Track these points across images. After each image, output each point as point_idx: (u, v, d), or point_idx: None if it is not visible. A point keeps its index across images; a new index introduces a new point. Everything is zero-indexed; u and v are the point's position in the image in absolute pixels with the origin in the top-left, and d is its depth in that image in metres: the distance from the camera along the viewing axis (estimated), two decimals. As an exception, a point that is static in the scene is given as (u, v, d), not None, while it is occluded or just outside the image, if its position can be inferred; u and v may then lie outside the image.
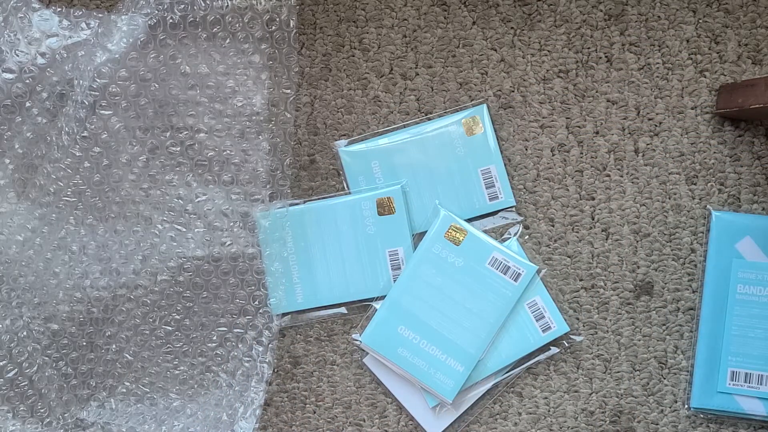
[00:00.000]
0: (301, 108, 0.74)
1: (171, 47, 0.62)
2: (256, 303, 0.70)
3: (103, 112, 0.62)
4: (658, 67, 0.72)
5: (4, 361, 0.66)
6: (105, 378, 0.70)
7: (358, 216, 0.70)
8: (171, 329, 0.69)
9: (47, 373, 0.68)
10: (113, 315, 0.68)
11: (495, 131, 0.72)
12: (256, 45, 0.63)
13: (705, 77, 0.71)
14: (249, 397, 0.69)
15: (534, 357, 0.71)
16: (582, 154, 0.72)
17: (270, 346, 0.70)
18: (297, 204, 0.71)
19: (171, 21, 0.61)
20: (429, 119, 0.73)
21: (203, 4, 0.61)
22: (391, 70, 0.73)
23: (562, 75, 0.72)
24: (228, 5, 0.61)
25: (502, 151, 0.72)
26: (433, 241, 0.70)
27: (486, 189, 0.71)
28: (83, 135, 0.62)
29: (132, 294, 0.68)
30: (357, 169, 0.72)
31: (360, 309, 0.72)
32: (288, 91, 0.65)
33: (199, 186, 0.66)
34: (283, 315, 0.72)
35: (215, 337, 0.69)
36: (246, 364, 0.70)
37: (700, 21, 0.72)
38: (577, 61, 0.72)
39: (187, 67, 0.63)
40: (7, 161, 0.64)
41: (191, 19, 0.61)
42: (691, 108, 0.72)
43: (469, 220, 0.71)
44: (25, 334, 0.67)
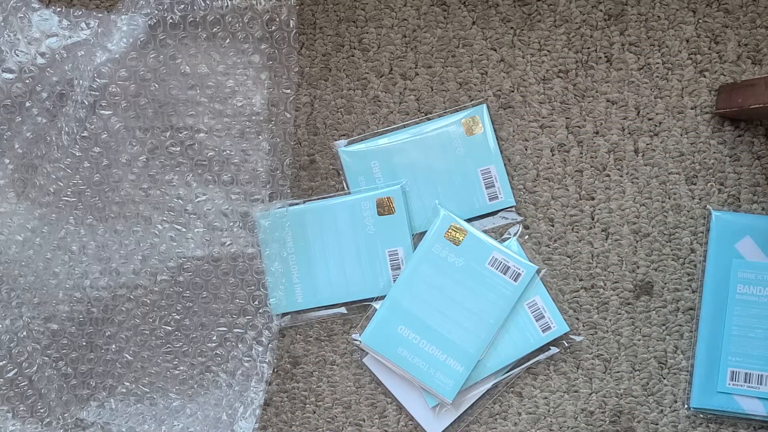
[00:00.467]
0: (301, 108, 0.74)
1: (171, 47, 0.62)
2: (255, 303, 0.70)
3: (103, 112, 0.62)
4: (657, 67, 0.72)
5: (3, 361, 0.66)
6: (105, 378, 0.70)
7: (357, 216, 0.70)
8: (171, 329, 0.69)
9: (47, 373, 0.68)
10: (113, 315, 0.68)
11: (495, 131, 0.72)
12: (256, 45, 0.63)
13: (705, 77, 0.71)
14: (249, 397, 0.69)
15: (534, 357, 0.71)
16: (582, 154, 0.72)
17: (270, 346, 0.70)
18: (297, 204, 0.71)
19: (171, 21, 0.61)
20: (429, 119, 0.73)
21: (203, 4, 0.61)
22: (391, 70, 0.73)
23: (561, 75, 0.72)
24: (228, 5, 0.61)
25: (501, 151, 0.72)
26: (433, 241, 0.70)
27: (486, 189, 0.71)
28: (83, 135, 0.62)
29: (132, 294, 0.68)
30: (357, 169, 0.72)
31: (360, 309, 0.72)
32: (288, 91, 0.65)
33: (199, 186, 0.66)
34: (283, 315, 0.72)
35: (215, 337, 0.69)
36: (246, 364, 0.70)
37: (700, 21, 0.72)
38: (577, 61, 0.72)
39: (187, 67, 0.63)
40: (7, 161, 0.64)
41: (191, 19, 0.61)
42: (691, 108, 0.72)
43: (469, 220, 0.71)
44: (25, 334, 0.67)
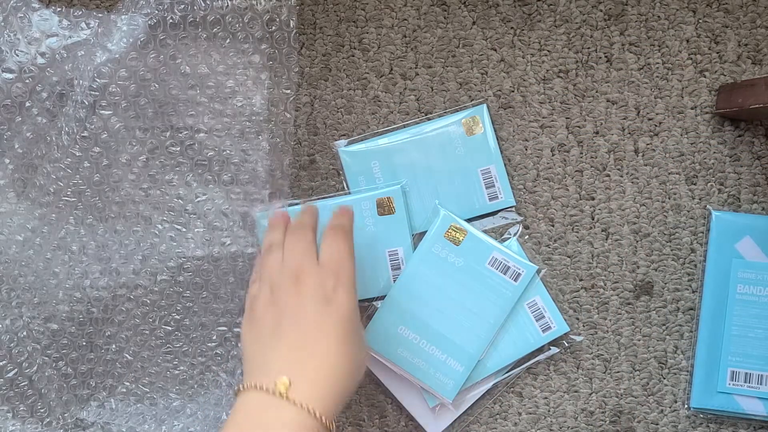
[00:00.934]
0: (301, 108, 0.74)
1: (171, 47, 0.62)
2: None
3: (103, 112, 0.62)
4: (657, 67, 0.72)
5: (4, 361, 0.66)
6: (105, 378, 0.70)
7: (357, 216, 0.70)
8: (171, 329, 0.69)
9: (47, 373, 0.68)
10: (113, 315, 0.68)
11: (495, 131, 0.72)
12: (256, 45, 0.63)
13: (705, 77, 0.72)
14: None
15: (534, 357, 0.71)
16: (582, 154, 0.72)
17: None
18: (296, 204, 0.71)
19: (171, 21, 0.61)
20: (429, 119, 0.73)
21: (203, 4, 0.61)
22: (391, 70, 0.73)
23: (562, 75, 0.72)
24: (228, 5, 0.61)
25: (502, 151, 0.72)
26: (433, 241, 0.70)
27: (486, 189, 0.71)
28: (83, 135, 0.62)
29: (132, 294, 0.68)
30: (357, 169, 0.72)
31: (360, 309, 0.72)
32: (288, 92, 0.65)
33: (199, 186, 0.66)
34: None
35: (215, 337, 0.69)
36: None
37: (700, 21, 0.72)
38: (577, 61, 0.72)
39: (187, 67, 0.63)
40: (7, 161, 0.64)
41: (191, 19, 0.61)
42: (691, 108, 0.72)
43: (469, 220, 0.71)
44: (25, 334, 0.67)
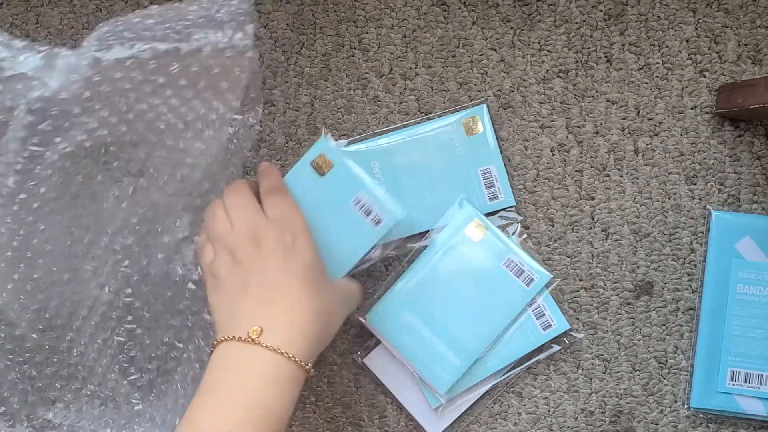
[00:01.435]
0: (301, 108, 0.74)
1: (129, 89, 0.58)
2: (207, 313, 0.69)
3: (35, 148, 0.59)
4: (657, 67, 0.72)
5: None
6: (70, 381, 0.69)
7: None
8: (123, 340, 0.68)
9: (10, 377, 0.67)
10: (72, 321, 0.68)
11: (495, 131, 0.72)
12: (221, 93, 0.60)
13: (705, 77, 0.72)
14: None
15: (534, 356, 0.71)
16: (582, 154, 0.72)
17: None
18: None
19: (130, 62, 0.56)
20: (429, 119, 0.73)
21: (177, 55, 0.56)
22: (391, 70, 0.73)
23: (562, 75, 0.72)
24: (195, 64, 0.57)
25: (502, 151, 0.72)
26: (453, 235, 0.70)
27: (486, 189, 0.71)
28: (16, 168, 0.60)
29: (91, 303, 0.67)
30: (357, 169, 0.72)
31: (367, 295, 0.71)
32: (251, 129, 0.65)
33: (171, 209, 0.65)
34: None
35: (167, 339, 0.69)
36: (197, 366, 0.69)
37: (699, 21, 0.72)
38: (577, 61, 0.72)
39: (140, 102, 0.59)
40: None
41: (153, 65, 0.57)
42: (691, 108, 0.72)
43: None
44: None
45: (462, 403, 0.71)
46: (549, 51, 0.72)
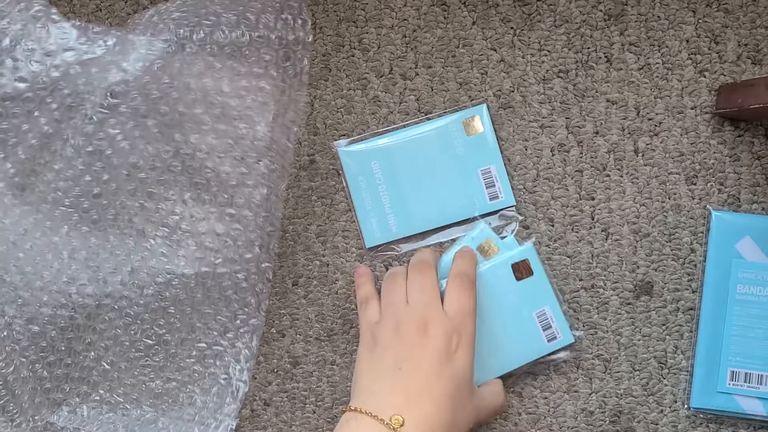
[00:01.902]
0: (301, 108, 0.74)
1: (186, 74, 0.61)
2: (237, 322, 0.69)
3: (111, 130, 0.62)
4: (657, 67, 0.72)
5: None
6: (80, 384, 0.69)
7: (494, 284, 0.70)
8: (151, 343, 0.68)
9: (23, 375, 0.67)
10: (95, 323, 0.68)
11: (495, 131, 0.72)
12: (266, 72, 0.63)
13: (705, 77, 0.72)
14: (222, 414, 0.69)
15: (536, 365, 0.70)
16: (582, 154, 0.72)
17: (247, 366, 0.70)
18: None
19: (189, 50, 0.60)
20: (429, 119, 0.73)
21: (223, 35, 0.60)
22: (391, 70, 0.73)
23: (561, 75, 0.72)
24: (247, 38, 0.61)
25: (502, 151, 0.72)
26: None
27: (486, 188, 0.71)
28: (88, 150, 0.62)
29: (116, 304, 0.67)
30: (357, 169, 0.72)
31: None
32: (292, 123, 0.66)
33: (196, 205, 0.66)
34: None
35: (194, 353, 0.69)
36: (222, 381, 0.70)
37: (699, 21, 0.72)
38: (577, 61, 0.72)
39: (194, 86, 0.62)
40: (9, 165, 0.63)
41: (209, 49, 0.61)
42: (691, 108, 0.72)
43: (470, 220, 0.71)
44: (6, 334, 0.66)
45: (462, 403, 0.71)
46: (549, 51, 0.72)
